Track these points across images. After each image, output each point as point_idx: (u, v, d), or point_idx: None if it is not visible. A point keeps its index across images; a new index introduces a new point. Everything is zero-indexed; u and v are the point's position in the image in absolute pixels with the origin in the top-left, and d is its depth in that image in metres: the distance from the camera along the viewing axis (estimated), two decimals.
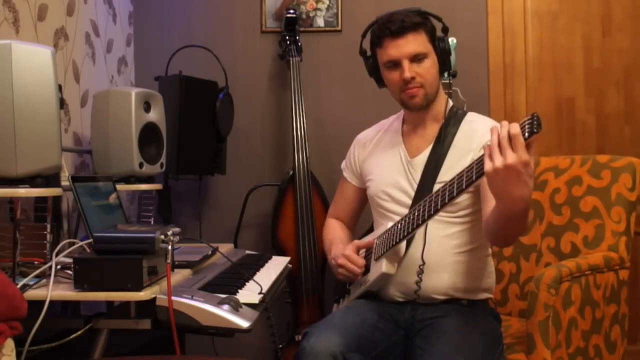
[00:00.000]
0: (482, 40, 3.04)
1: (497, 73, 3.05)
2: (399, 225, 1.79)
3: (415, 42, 1.86)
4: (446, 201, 1.59)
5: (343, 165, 2.18)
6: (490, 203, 1.67)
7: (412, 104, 1.91)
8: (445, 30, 1.92)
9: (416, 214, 1.72)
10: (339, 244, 2.04)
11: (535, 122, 1.37)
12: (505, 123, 1.44)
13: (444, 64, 1.91)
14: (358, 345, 1.67)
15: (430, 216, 1.66)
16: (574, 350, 1.87)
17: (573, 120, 3.05)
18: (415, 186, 1.89)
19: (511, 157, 1.40)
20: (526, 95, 3.06)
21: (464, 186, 1.52)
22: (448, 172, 1.84)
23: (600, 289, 1.97)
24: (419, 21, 1.87)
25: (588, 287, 1.92)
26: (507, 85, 3.05)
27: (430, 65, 1.88)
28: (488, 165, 1.43)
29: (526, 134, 1.38)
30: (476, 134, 1.88)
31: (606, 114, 3.04)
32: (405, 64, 1.86)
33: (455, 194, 1.55)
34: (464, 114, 1.97)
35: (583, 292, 1.90)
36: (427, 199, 1.68)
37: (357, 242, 1.94)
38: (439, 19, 1.92)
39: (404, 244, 1.82)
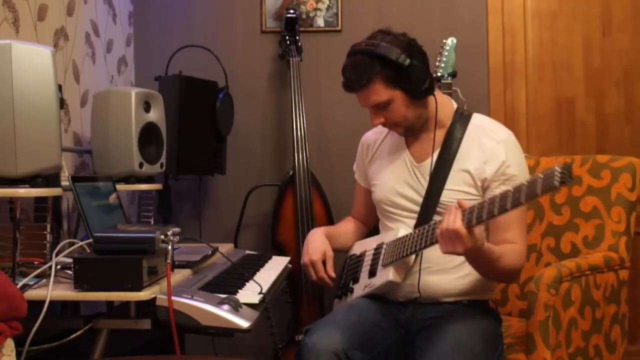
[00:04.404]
0: (482, 40, 3.04)
1: (497, 73, 3.05)
2: (413, 236, 1.78)
3: (372, 96, 1.81)
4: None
5: (354, 166, 2.17)
6: (496, 234, 1.78)
7: (399, 134, 1.94)
8: (412, 54, 1.78)
9: (426, 232, 1.73)
10: (321, 234, 2.05)
11: (566, 173, 1.39)
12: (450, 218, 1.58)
13: (416, 95, 1.80)
14: (360, 343, 1.67)
15: (432, 244, 1.70)
16: (574, 350, 1.87)
17: (573, 120, 3.05)
18: (423, 192, 1.88)
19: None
20: (526, 95, 3.06)
21: (495, 213, 1.52)
22: (456, 179, 1.85)
23: (600, 289, 1.97)
24: (369, 77, 1.78)
25: (588, 287, 1.92)
26: (507, 85, 3.05)
27: (397, 107, 1.82)
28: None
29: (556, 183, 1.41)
30: (482, 150, 1.86)
31: (606, 114, 3.04)
32: (371, 112, 1.87)
33: (485, 219, 1.55)
34: (469, 116, 1.93)
35: (583, 292, 1.90)
36: (435, 224, 1.70)
37: (330, 253, 2.00)
38: (397, 62, 1.74)
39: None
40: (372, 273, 1.90)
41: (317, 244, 2.01)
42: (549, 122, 3.05)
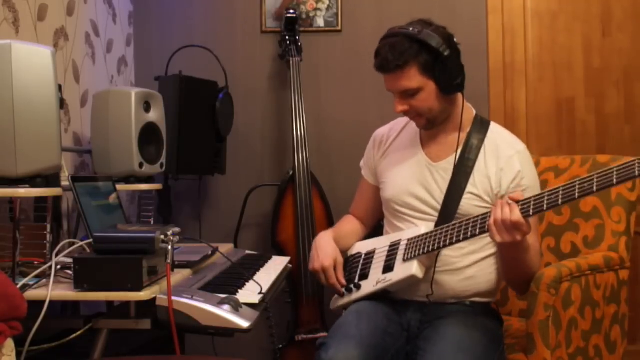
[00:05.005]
0: (482, 40, 3.04)
1: (497, 73, 3.04)
2: (438, 233, 1.78)
3: (403, 79, 1.79)
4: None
5: (362, 163, 2.15)
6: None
7: (419, 127, 1.93)
8: (451, 47, 1.79)
9: (459, 228, 1.73)
10: (330, 239, 2.02)
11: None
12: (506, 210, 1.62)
13: (447, 89, 1.80)
14: (375, 355, 1.67)
15: (474, 235, 1.71)
16: (574, 350, 1.87)
17: (573, 120, 3.05)
18: (437, 193, 1.88)
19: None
20: (526, 95, 3.06)
21: (559, 202, 1.56)
22: (477, 183, 1.85)
23: (601, 289, 1.97)
24: (405, 60, 1.76)
25: (588, 287, 1.92)
26: (507, 85, 3.05)
27: (425, 97, 1.80)
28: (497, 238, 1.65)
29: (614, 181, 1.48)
30: (499, 158, 1.88)
31: (606, 114, 3.04)
32: (396, 98, 1.84)
33: (546, 208, 1.60)
34: (488, 123, 1.95)
35: (583, 292, 1.90)
36: (476, 219, 1.71)
37: (340, 259, 1.98)
38: (436, 51, 1.75)
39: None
40: (388, 268, 1.86)
41: (329, 250, 1.98)
42: (549, 122, 3.05)
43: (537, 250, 1.82)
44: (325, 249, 1.99)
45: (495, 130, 1.94)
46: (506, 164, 1.85)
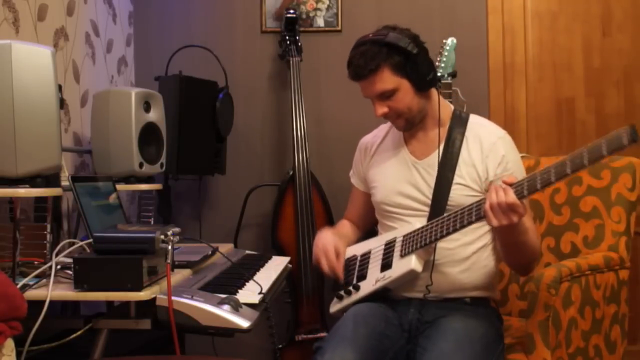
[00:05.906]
0: (482, 40, 3.04)
1: (497, 73, 3.05)
2: (433, 226, 1.79)
3: (378, 83, 1.83)
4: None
5: (350, 172, 2.17)
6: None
7: (398, 129, 1.95)
8: (419, 45, 1.81)
9: (454, 217, 1.74)
10: (328, 233, 2.04)
11: (635, 131, 1.48)
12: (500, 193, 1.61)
13: (421, 86, 1.84)
14: (372, 358, 1.67)
15: (470, 223, 1.72)
16: (574, 350, 1.87)
17: (573, 120, 3.05)
18: (426, 189, 1.89)
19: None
20: (526, 95, 3.06)
21: (552, 180, 1.58)
22: (463, 173, 1.87)
23: (600, 289, 1.97)
24: (377, 63, 1.80)
25: (588, 287, 1.92)
26: (507, 85, 3.05)
27: (402, 97, 1.84)
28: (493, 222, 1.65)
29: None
30: (482, 146, 1.90)
31: (606, 114, 3.04)
32: (375, 102, 1.88)
33: (539, 188, 1.61)
34: (467, 116, 1.97)
35: (583, 292, 1.90)
36: (470, 207, 1.72)
37: (341, 248, 1.99)
38: (405, 50, 1.79)
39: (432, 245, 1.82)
40: (387, 266, 1.87)
41: (329, 239, 2.01)
42: (549, 122, 3.05)
43: (534, 231, 1.84)
44: (324, 239, 2.02)
45: (475, 121, 1.96)
46: (490, 150, 1.88)
